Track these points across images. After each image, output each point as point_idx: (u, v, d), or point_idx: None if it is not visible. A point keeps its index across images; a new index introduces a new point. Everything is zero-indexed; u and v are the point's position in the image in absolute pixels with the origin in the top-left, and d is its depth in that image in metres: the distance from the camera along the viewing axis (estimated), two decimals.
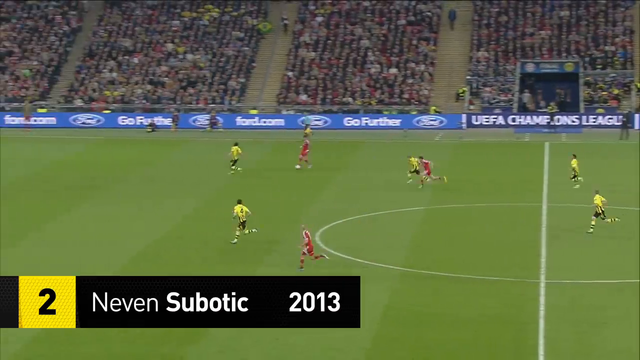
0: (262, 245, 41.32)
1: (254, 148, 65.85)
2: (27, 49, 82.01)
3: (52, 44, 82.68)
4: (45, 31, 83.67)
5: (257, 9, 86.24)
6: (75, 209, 47.93)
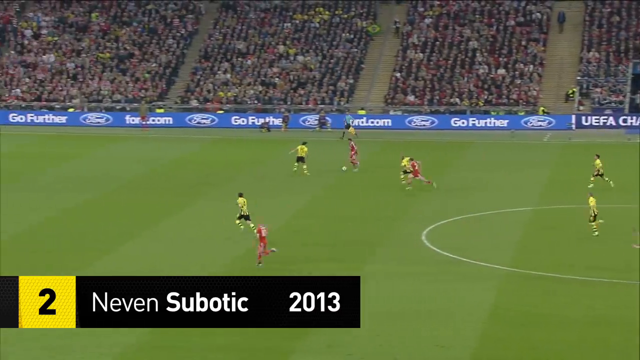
0: (365, 245, 41.29)
1: (362, 148, 65.76)
2: (146, 52, 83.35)
3: (170, 46, 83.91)
4: (164, 34, 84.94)
5: (366, 12, 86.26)
6: (190, 206, 48.62)
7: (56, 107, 77.95)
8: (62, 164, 58.84)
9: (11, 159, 61.40)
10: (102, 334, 28.31)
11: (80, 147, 66.90)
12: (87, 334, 29.10)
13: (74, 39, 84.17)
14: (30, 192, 51.33)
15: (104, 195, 50.84)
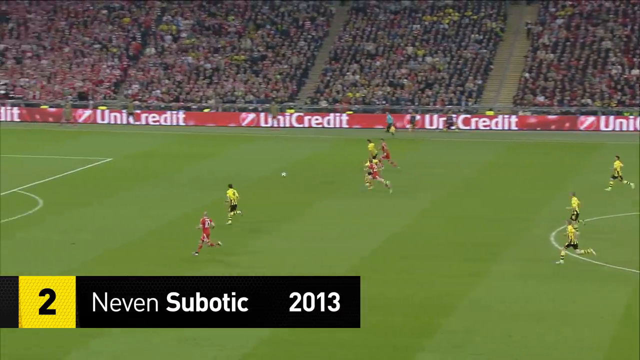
0: (494, 245, 40.82)
1: (488, 149, 65.23)
2: (278, 53, 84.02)
3: (302, 48, 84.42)
4: (296, 36, 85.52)
5: (496, 12, 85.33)
6: (316, 205, 48.80)
7: (192, 108, 79.13)
8: (197, 163, 59.69)
9: (152, 157, 62.69)
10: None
11: (214, 146, 67.84)
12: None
13: (211, 41, 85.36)
14: (169, 190, 52.25)
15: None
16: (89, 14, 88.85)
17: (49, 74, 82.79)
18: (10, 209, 47.05)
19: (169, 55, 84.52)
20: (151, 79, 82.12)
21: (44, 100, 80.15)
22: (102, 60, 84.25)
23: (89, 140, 69.52)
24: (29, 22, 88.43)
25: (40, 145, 66.67)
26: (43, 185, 53.11)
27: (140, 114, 77.80)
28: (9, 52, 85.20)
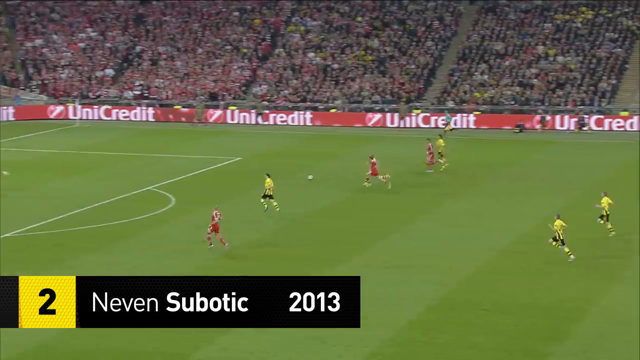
0: (628, 249, 39.79)
1: (622, 150, 63.74)
2: (406, 53, 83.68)
3: (429, 48, 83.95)
4: (424, 36, 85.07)
5: (632, 10, 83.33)
6: (443, 206, 48.42)
7: (319, 108, 79.45)
8: (323, 163, 59.82)
9: (279, 157, 63.13)
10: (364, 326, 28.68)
11: (340, 146, 67.93)
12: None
13: (338, 41, 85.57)
14: (295, 189, 52.50)
15: (359, 193, 51.36)
16: (222, 15, 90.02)
17: (182, 75, 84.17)
18: (145, 207, 47.94)
19: (297, 55, 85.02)
20: (279, 80, 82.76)
21: (177, 100, 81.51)
22: (233, 61, 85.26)
23: (219, 139, 70.39)
24: (164, 24, 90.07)
25: (173, 145, 67.79)
26: (175, 183, 53.96)
27: (269, 114, 78.46)
28: (145, 54, 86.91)
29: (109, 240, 41.63)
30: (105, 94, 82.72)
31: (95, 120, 79.34)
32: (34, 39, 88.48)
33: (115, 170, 57.06)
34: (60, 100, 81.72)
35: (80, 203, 48.63)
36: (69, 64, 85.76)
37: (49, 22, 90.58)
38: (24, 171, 57.90)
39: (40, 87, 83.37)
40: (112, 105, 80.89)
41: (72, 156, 62.11)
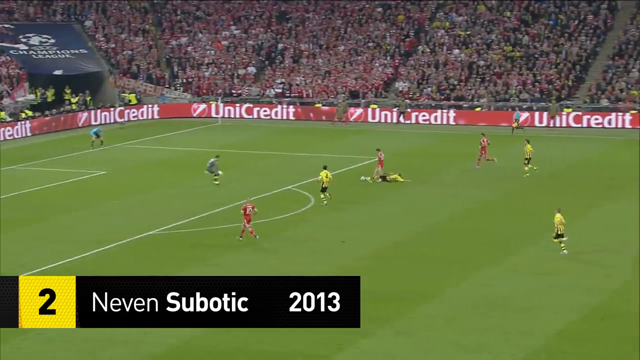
0: None
1: None
2: (556, 49, 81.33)
3: (582, 43, 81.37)
4: (576, 31, 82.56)
5: None
6: (602, 206, 47.07)
7: (464, 107, 77.90)
8: (466, 163, 58.46)
9: (419, 156, 62.24)
10: (511, 335, 27.49)
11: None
12: (500, 331, 28.50)
13: (484, 37, 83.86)
14: (437, 189, 51.57)
15: (505, 194, 50.04)
16: (365, 12, 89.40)
17: (324, 73, 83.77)
18: (284, 206, 47.65)
19: (441, 52, 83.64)
20: (422, 77, 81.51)
21: (318, 98, 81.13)
22: (375, 58, 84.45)
23: (360, 138, 69.71)
24: (306, 21, 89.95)
25: (313, 144, 67.45)
26: (315, 183, 53.49)
27: (411, 113, 77.34)
28: (287, 51, 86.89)
29: (251, 239, 41.33)
30: (247, 92, 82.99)
31: (237, 119, 79.71)
32: (179, 37, 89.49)
33: (255, 169, 57.02)
34: (203, 98, 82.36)
35: (220, 202, 48.63)
36: (212, 62, 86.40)
37: (194, 20, 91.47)
38: (166, 169, 58.35)
39: (184, 85, 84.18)
40: (254, 104, 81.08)
41: (213, 154, 62.33)
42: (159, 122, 78.19)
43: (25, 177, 55.91)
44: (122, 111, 79.27)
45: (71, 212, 47.36)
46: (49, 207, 48.30)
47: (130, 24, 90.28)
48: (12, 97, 76.73)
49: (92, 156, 62.78)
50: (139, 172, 57.36)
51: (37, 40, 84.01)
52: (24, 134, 71.37)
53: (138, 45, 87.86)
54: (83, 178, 55.95)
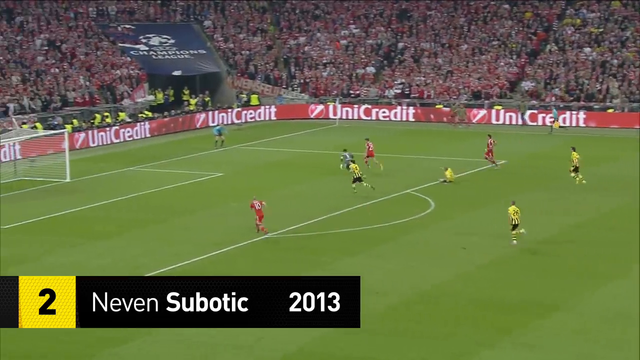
0: None
1: None
2: None
3: None
4: None
5: None
6: None
7: (594, 108, 76.39)
8: (594, 167, 57.44)
9: (544, 159, 61.42)
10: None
11: (616, 150, 65.23)
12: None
13: (618, 35, 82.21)
14: (560, 196, 50.80)
15: (633, 200, 49.11)
16: (490, 9, 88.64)
17: (445, 73, 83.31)
18: (403, 210, 47.53)
19: (571, 50, 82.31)
20: (550, 77, 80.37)
21: (439, 99, 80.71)
22: (500, 57, 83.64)
23: (482, 141, 68.85)
24: (428, 19, 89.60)
25: (433, 146, 67.14)
26: (435, 187, 53.28)
27: (537, 114, 76.32)
28: (407, 51, 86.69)
29: (368, 243, 41.49)
30: (366, 92, 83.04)
31: (355, 120, 79.84)
32: (298, 37, 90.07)
33: (372, 172, 56.94)
34: (321, 99, 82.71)
35: (337, 205, 48.75)
36: (330, 61, 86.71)
37: (312, 20, 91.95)
38: (283, 171, 58.75)
39: (301, 85, 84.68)
40: (372, 105, 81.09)
41: (329, 156, 62.54)
42: (276, 124, 78.82)
43: (144, 179, 56.97)
44: (240, 112, 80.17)
45: (189, 214, 48.12)
46: (167, 209, 49.15)
47: (249, 24, 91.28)
48: (132, 97, 78.33)
49: (210, 158, 63.65)
50: (256, 173, 57.90)
51: (157, 41, 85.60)
52: (142, 135, 72.76)
53: (256, 45, 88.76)
54: (201, 180, 56.75)
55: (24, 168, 58.44)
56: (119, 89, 78.00)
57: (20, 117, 67.00)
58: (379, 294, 34.52)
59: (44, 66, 77.08)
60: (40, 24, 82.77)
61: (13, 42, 78.84)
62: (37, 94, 72.67)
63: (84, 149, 67.29)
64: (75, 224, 46.48)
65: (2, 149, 61.56)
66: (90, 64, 79.59)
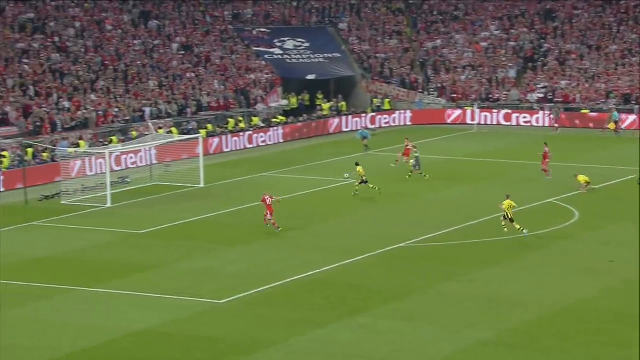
0: None
1: None
2: None
3: None
4: None
5: None
6: None
7: None
8: None
9: None
10: None
11: None
12: None
13: None
14: None
15: None
16: None
17: (592, 76, 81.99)
18: (545, 220, 47.03)
19: None
20: None
21: (585, 104, 79.42)
22: None
23: (632, 148, 67.52)
24: (574, 19, 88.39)
25: (577, 153, 66.07)
26: (579, 196, 52.53)
27: None
28: (551, 53, 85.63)
29: (508, 254, 41.13)
30: (506, 96, 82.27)
31: (494, 125, 79.12)
32: (435, 39, 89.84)
33: (512, 180, 56.53)
34: (459, 104, 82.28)
35: (476, 214, 48.44)
36: (469, 64, 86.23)
37: (451, 21, 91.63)
38: (416, 178, 58.60)
39: (438, 90, 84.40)
40: (513, 109, 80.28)
41: (466, 163, 62.19)
42: (411, 129, 78.67)
43: (276, 185, 57.60)
44: (374, 117, 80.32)
45: (322, 221, 48.47)
46: (300, 215, 49.57)
47: (385, 26, 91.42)
48: (265, 102, 79.26)
49: (343, 163, 63.87)
50: (390, 180, 57.78)
51: (291, 44, 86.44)
52: (276, 140, 73.54)
53: (392, 48, 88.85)
54: (333, 186, 57.05)
55: (160, 173, 59.79)
56: (253, 93, 79.05)
57: (157, 122, 68.47)
58: (517, 307, 34.19)
59: (180, 70, 78.58)
60: (176, 28, 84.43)
61: (150, 46, 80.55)
62: (174, 99, 74.16)
63: (217, 154, 68.39)
64: (209, 230, 47.34)
65: (139, 154, 63.15)
66: (225, 68, 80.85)
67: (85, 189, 55.71)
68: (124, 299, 36.56)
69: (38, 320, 34.48)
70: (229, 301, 36.05)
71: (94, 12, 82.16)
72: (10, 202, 54.25)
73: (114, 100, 71.30)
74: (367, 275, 39.19)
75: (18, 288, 38.18)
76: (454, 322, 33.33)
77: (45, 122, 65.51)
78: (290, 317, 34.25)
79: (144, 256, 42.60)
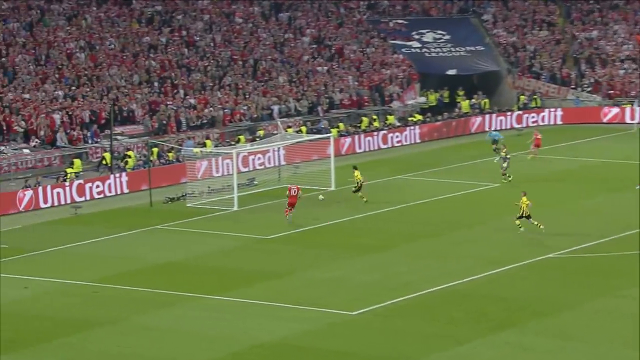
0: None
1: None
2: None
3: None
4: None
5: None
6: None
7: None
8: None
9: None
10: None
11: None
12: None
13: None
14: None
15: None
16: None
17: None
18: None
19: None
20: None
21: None
22: None
23: None
24: None
25: None
26: None
27: None
28: None
29: None
30: None
31: None
32: (590, 30, 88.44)
33: None
34: (616, 101, 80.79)
35: (632, 222, 47.53)
36: (629, 58, 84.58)
37: (609, 10, 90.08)
38: (569, 182, 57.87)
39: (593, 85, 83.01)
40: None
41: (625, 167, 61.04)
42: (561, 129, 77.53)
43: (413, 188, 57.33)
44: (520, 116, 79.38)
45: (462, 228, 48.09)
46: (438, 222, 49.31)
47: (534, 16, 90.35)
48: (401, 99, 79.07)
49: (485, 166, 63.27)
50: (537, 184, 57.01)
51: (430, 37, 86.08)
52: (412, 141, 73.22)
53: (542, 39, 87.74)
54: (475, 190, 56.56)
55: (288, 175, 60.06)
56: (388, 89, 78.93)
57: (286, 120, 68.77)
58: None
59: (311, 65, 78.89)
60: (308, 20, 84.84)
61: (281, 40, 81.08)
62: (304, 95, 74.48)
63: (349, 154, 68.39)
64: (339, 236, 47.39)
65: (267, 154, 63.57)
66: (359, 63, 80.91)
67: (212, 191, 56.35)
68: (250, 308, 36.79)
69: (159, 328, 34.91)
70: (362, 313, 35.97)
71: (222, 5, 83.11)
72: (136, 204, 55.17)
73: (241, 97, 71.96)
74: (513, 287, 38.71)
75: (140, 294, 38.75)
76: (608, 340, 32.70)
77: (170, 120, 66.49)
78: (426, 332, 34.02)
79: (271, 263, 42.86)
